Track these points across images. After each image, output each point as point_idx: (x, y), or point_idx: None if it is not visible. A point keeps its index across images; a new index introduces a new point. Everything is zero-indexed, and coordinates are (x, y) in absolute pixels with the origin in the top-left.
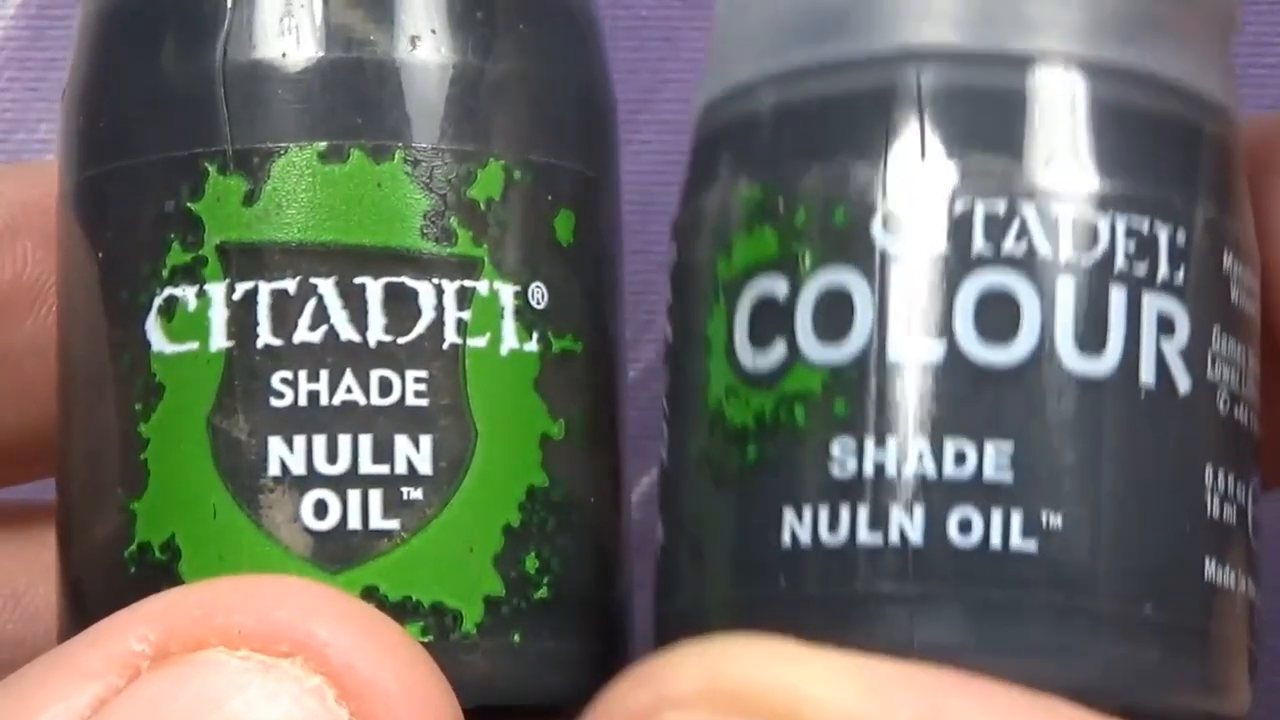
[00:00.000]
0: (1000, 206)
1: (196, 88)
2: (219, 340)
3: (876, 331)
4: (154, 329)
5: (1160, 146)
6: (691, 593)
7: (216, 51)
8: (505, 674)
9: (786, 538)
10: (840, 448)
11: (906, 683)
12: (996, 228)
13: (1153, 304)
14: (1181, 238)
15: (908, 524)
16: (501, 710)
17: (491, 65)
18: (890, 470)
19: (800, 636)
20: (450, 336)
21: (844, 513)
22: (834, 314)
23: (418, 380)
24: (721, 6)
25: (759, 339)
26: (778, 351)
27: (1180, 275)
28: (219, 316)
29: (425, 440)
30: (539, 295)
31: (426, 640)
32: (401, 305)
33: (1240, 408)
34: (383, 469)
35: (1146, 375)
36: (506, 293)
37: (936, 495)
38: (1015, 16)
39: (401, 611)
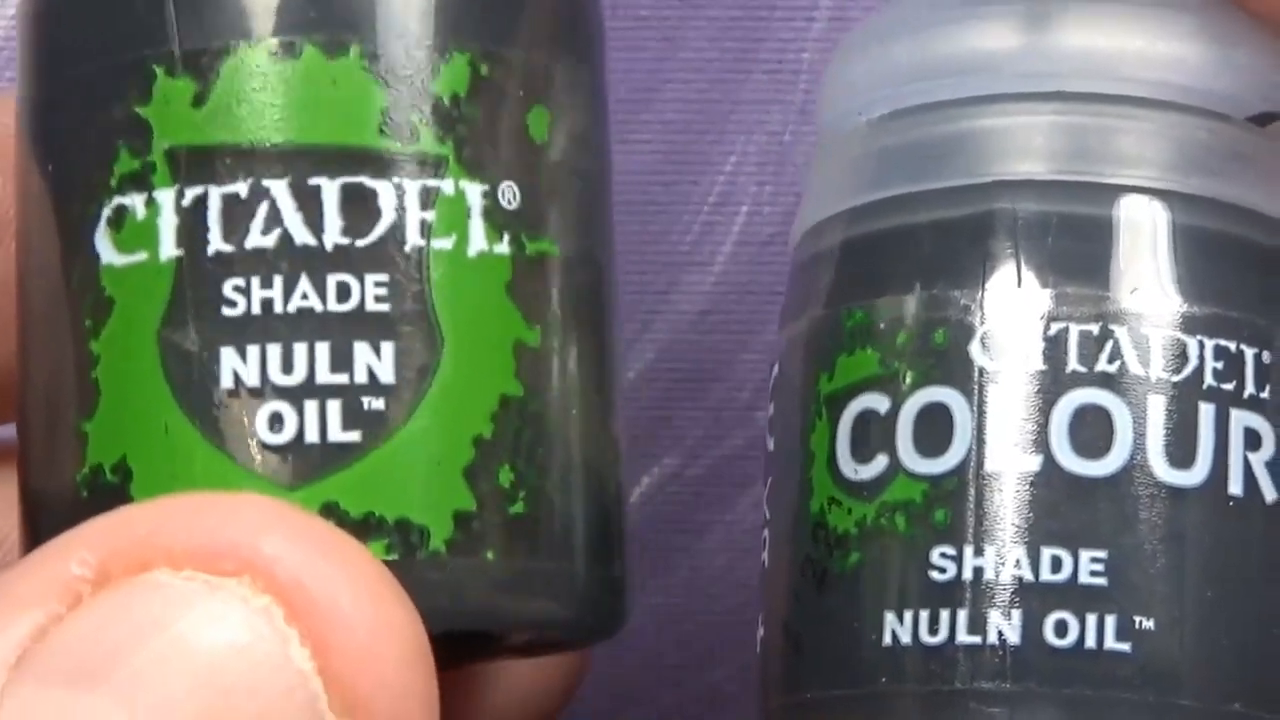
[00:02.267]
0: (1094, 328)
1: None
2: (168, 249)
3: (975, 445)
4: (103, 240)
5: (1244, 270)
6: (794, 689)
7: None
8: (477, 595)
9: (888, 638)
10: (940, 554)
11: None
12: (1090, 347)
13: (1240, 420)
14: (1267, 357)
15: (1005, 626)
16: (475, 638)
17: None
18: (989, 575)
19: None
20: (413, 238)
21: (944, 615)
22: (934, 429)
23: (378, 284)
24: (823, 135)
25: (860, 452)
26: (879, 463)
27: (1265, 392)
28: (168, 224)
29: (387, 347)
30: (510, 195)
31: (391, 559)
32: (360, 206)
33: None
34: (341, 378)
35: (1234, 486)
36: (474, 192)
37: (1033, 599)
38: (1104, 150)
39: (364, 529)
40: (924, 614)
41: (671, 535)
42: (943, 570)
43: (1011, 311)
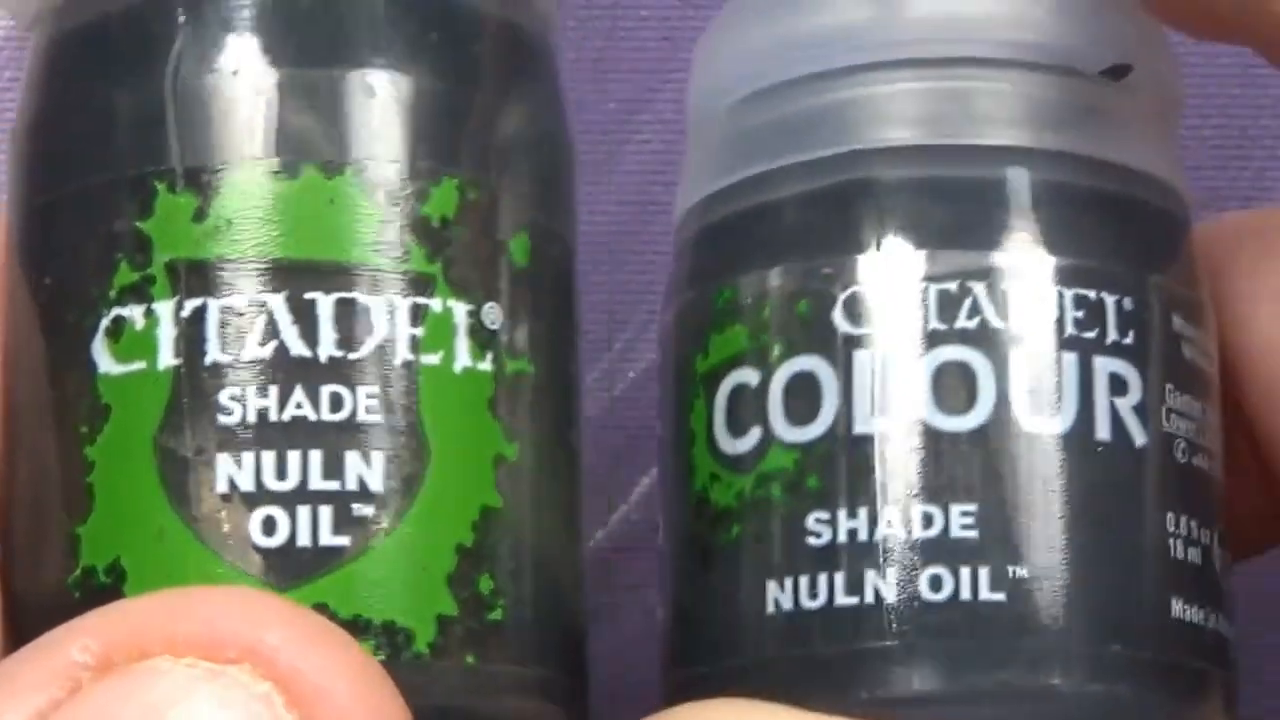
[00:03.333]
0: (953, 286)
1: (146, 108)
2: (167, 358)
3: (842, 410)
4: (100, 350)
5: (1103, 220)
6: (686, 664)
7: (167, 71)
8: (458, 696)
9: (770, 606)
10: (815, 520)
11: None
12: (950, 305)
13: (1104, 366)
14: (1129, 303)
15: (881, 584)
16: None
17: (445, 86)
18: (863, 536)
19: (787, 697)
20: (403, 353)
21: (822, 579)
22: (802, 398)
23: (369, 396)
24: (691, 120)
25: (735, 426)
26: (754, 435)
27: (1130, 338)
28: (167, 334)
29: (377, 457)
30: (493, 316)
31: (378, 660)
32: (353, 321)
33: (1200, 456)
34: (333, 485)
35: (1102, 431)
36: (460, 310)
37: (907, 556)
38: (961, 113)
39: (352, 630)
40: (803, 580)
41: None
42: (818, 535)
43: (870, 276)
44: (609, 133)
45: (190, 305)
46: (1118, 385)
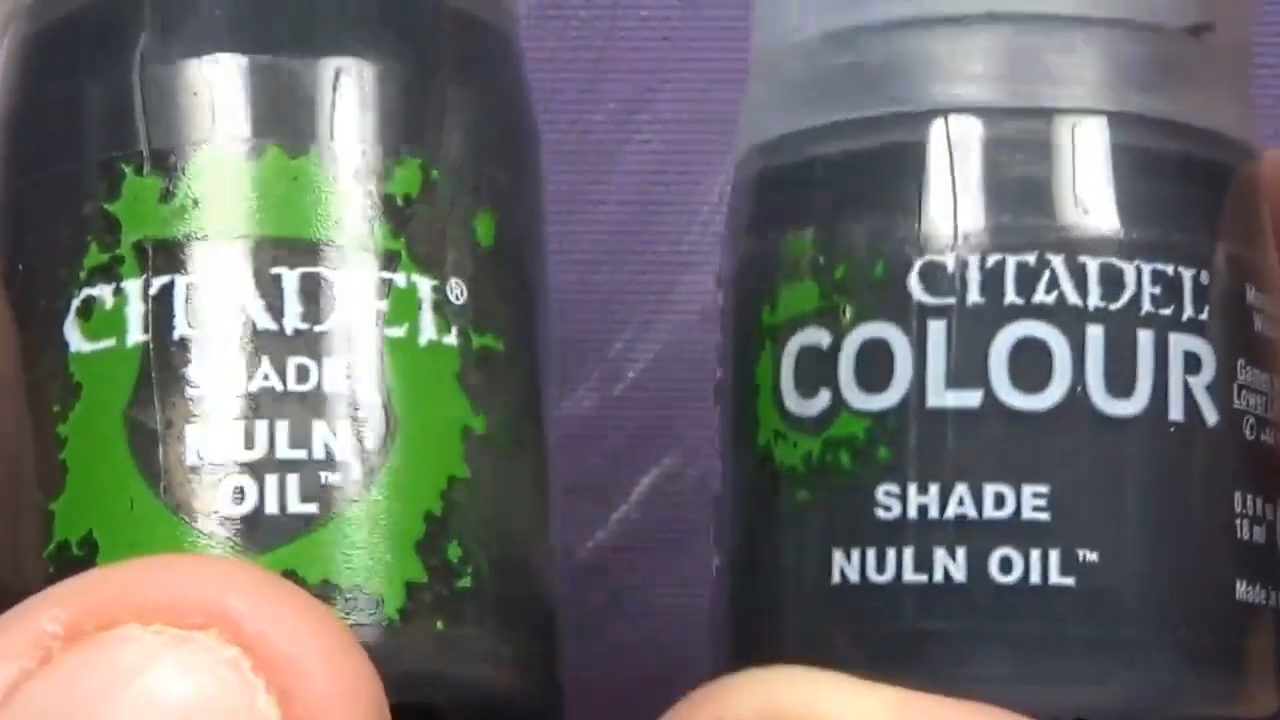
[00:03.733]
0: (1030, 258)
1: (114, 95)
2: (135, 335)
3: (915, 382)
4: (71, 330)
5: (1181, 189)
6: (749, 620)
7: (133, 58)
8: (427, 661)
9: (836, 576)
10: (884, 492)
11: (946, 717)
12: (1027, 278)
13: (1179, 344)
14: (1205, 277)
15: (951, 564)
16: (419, 709)
17: (407, 69)
18: (933, 513)
19: (849, 669)
20: (367, 326)
21: (890, 554)
22: (874, 365)
23: (334, 368)
24: (758, 54)
25: (804, 386)
26: (823, 399)
27: (1205, 314)
28: (135, 312)
29: (343, 426)
30: (458, 291)
31: (346, 624)
32: (318, 294)
33: (1267, 431)
34: (300, 454)
35: (1175, 412)
36: (424, 285)
37: (978, 536)
38: (1038, 72)
39: (320, 595)
40: (870, 552)
41: (671, 535)
42: (888, 508)
43: (948, 243)
44: (609, 133)
45: (158, 283)
46: (1192, 364)
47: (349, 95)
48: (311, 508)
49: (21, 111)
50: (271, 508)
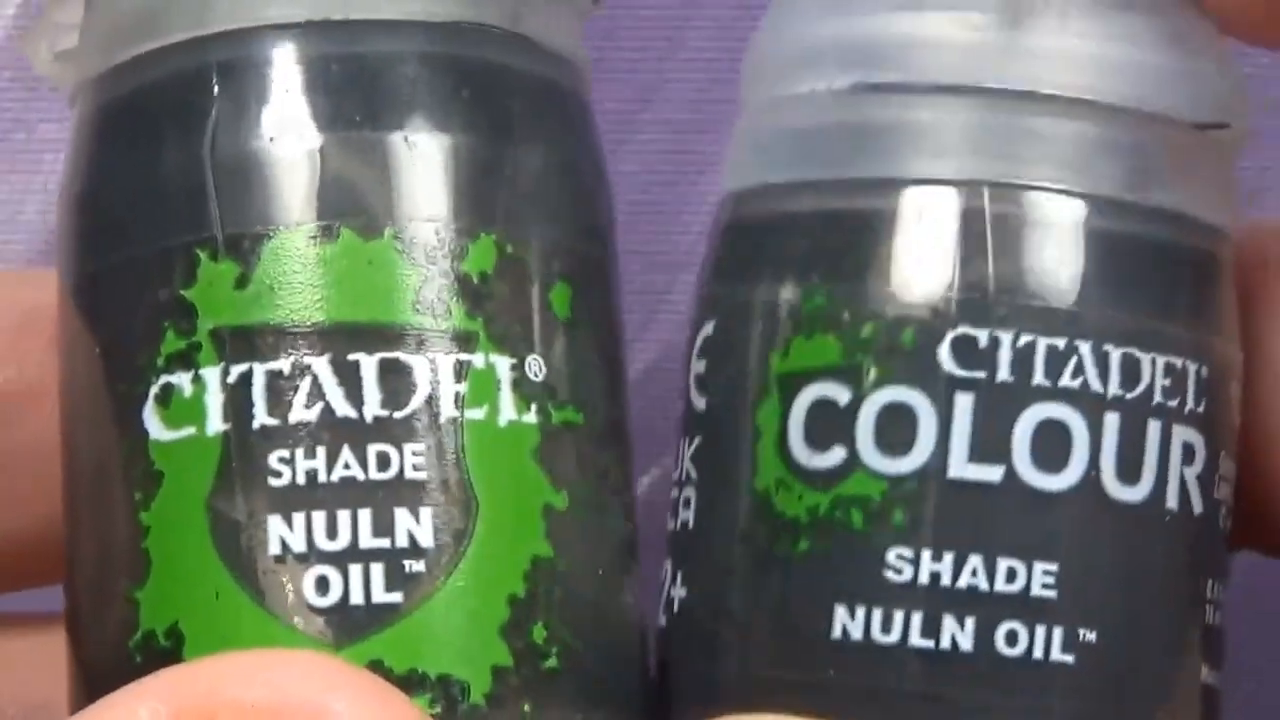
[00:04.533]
0: (1060, 342)
1: (186, 177)
2: (215, 424)
3: (939, 451)
4: (151, 417)
5: (1190, 283)
6: (733, 663)
7: (205, 140)
8: None
9: (838, 630)
10: (896, 555)
11: None
12: (1055, 361)
13: (1180, 435)
14: (1204, 371)
15: (959, 633)
16: None
17: (480, 142)
18: (945, 581)
19: None
20: (447, 409)
21: (897, 616)
22: (896, 428)
23: (415, 454)
24: (771, 87)
25: (815, 439)
26: (836, 455)
27: (1202, 406)
28: (214, 400)
29: (425, 513)
30: (536, 368)
31: (435, 712)
32: (397, 380)
33: (1230, 518)
34: (383, 543)
35: (1171, 501)
36: (503, 365)
37: (988, 607)
38: (1070, 159)
39: (408, 684)
40: (877, 612)
41: None
42: (899, 571)
43: (982, 319)
44: (609, 133)
45: (236, 371)
46: (1188, 454)
47: (421, 173)
48: (396, 596)
49: (93, 189)
50: (357, 598)
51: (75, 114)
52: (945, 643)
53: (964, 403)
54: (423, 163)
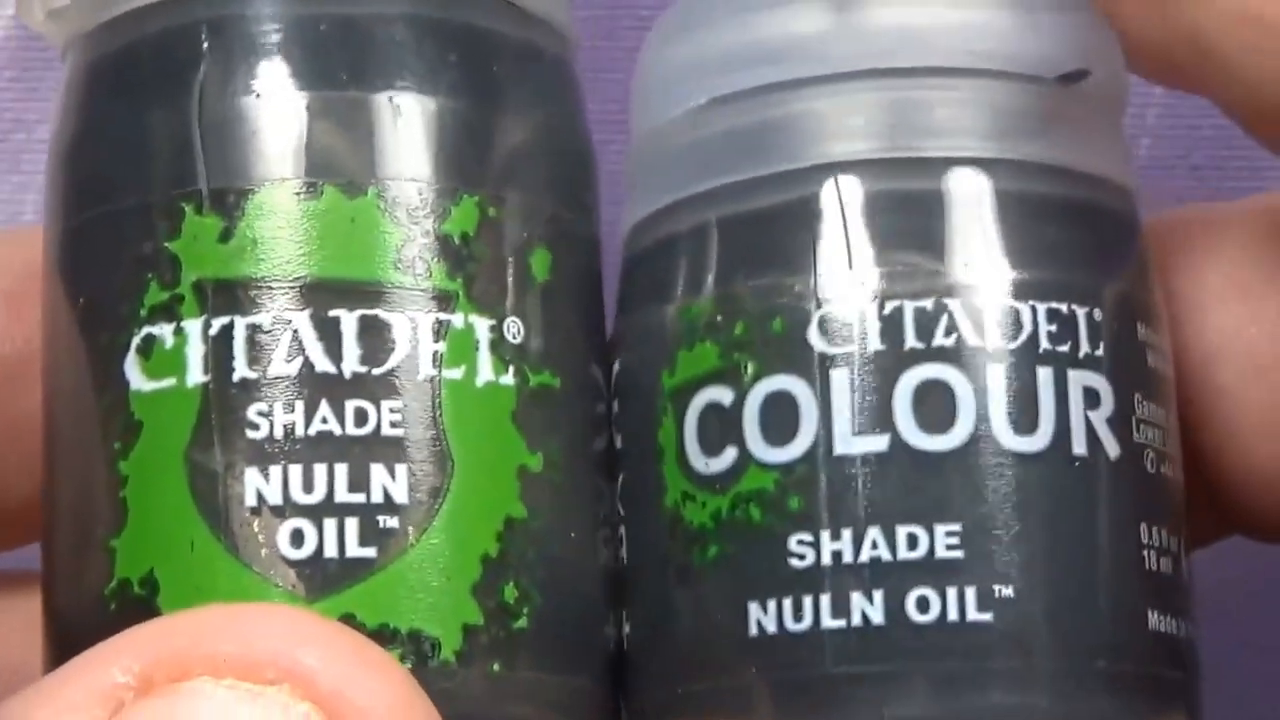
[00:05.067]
0: (928, 303)
1: (174, 132)
2: (196, 375)
3: (822, 430)
4: (132, 368)
5: (1069, 230)
6: (663, 683)
7: (193, 95)
8: (484, 703)
9: (753, 628)
10: (797, 541)
11: None
12: (927, 322)
13: (1078, 380)
14: (1098, 315)
15: (868, 607)
16: None
17: (464, 105)
18: (848, 558)
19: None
20: (425, 368)
21: (807, 601)
22: (780, 417)
23: (393, 411)
24: (642, 126)
25: (709, 445)
26: (729, 456)
27: (1100, 350)
28: (195, 352)
29: (401, 470)
30: (515, 330)
31: (405, 667)
32: (376, 337)
33: (1166, 464)
34: (359, 498)
35: (1078, 447)
36: (482, 326)
37: (894, 577)
38: (925, 124)
39: (379, 639)
40: (787, 601)
41: None
42: (801, 557)
43: (845, 293)
44: (608, 133)
45: (218, 323)
46: (1091, 399)
47: (405, 134)
48: (370, 551)
49: (80, 142)
50: (331, 551)
51: (65, 69)
52: (856, 619)
53: (840, 378)
54: (407, 123)
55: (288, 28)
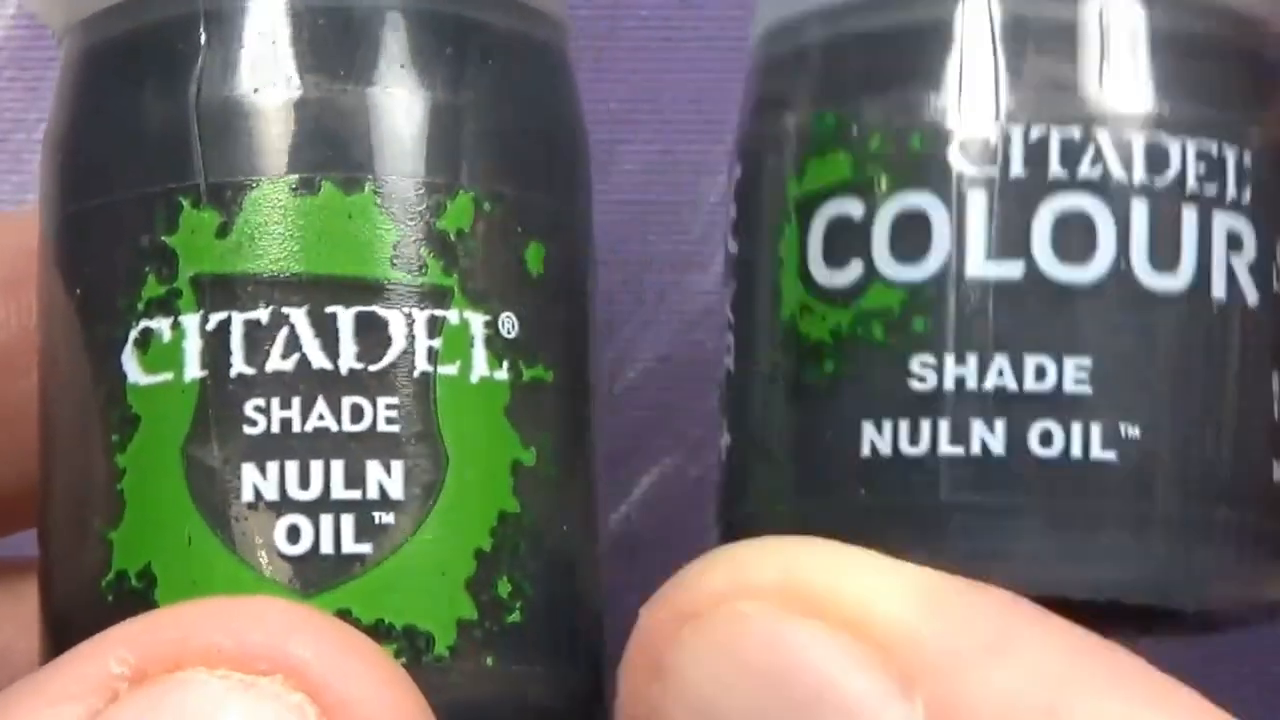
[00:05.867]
0: (1075, 132)
1: (171, 124)
2: (193, 370)
3: (955, 252)
4: (130, 361)
5: (1224, 69)
6: (763, 499)
7: (190, 88)
8: (478, 697)
9: (866, 449)
10: (920, 363)
11: (978, 607)
12: (1072, 152)
13: (1222, 222)
14: (1247, 158)
15: (989, 436)
16: None
17: (460, 99)
18: (971, 384)
19: (878, 545)
20: (421, 364)
21: (925, 426)
22: (911, 235)
23: (389, 407)
24: None
25: (834, 258)
26: (854, 270)
27: (1247, 194)
28: (193, 347)
29: (396, 465)
30: (509, 325)
31: (399, 663)
32: (372, 334)
33: None
34: (354, 494)
35: (1218, 290)
36: (477, 322)
37: (1017, 408)
38: None
39: (374, 634)
40: (904, 424)
41: (671, 535)
42: (923, 379)
43: (990, 116)
44: (609, 133)
45: (215, 319)
46: (1234, 243)
47: (402, 128)
48: (365, 547)
49: (76, 132)
50: (326, 547)
51: (62, 56)
52: (975, 448)
53: (978, 200)
54: (404, 118)
55: (286, 21)
